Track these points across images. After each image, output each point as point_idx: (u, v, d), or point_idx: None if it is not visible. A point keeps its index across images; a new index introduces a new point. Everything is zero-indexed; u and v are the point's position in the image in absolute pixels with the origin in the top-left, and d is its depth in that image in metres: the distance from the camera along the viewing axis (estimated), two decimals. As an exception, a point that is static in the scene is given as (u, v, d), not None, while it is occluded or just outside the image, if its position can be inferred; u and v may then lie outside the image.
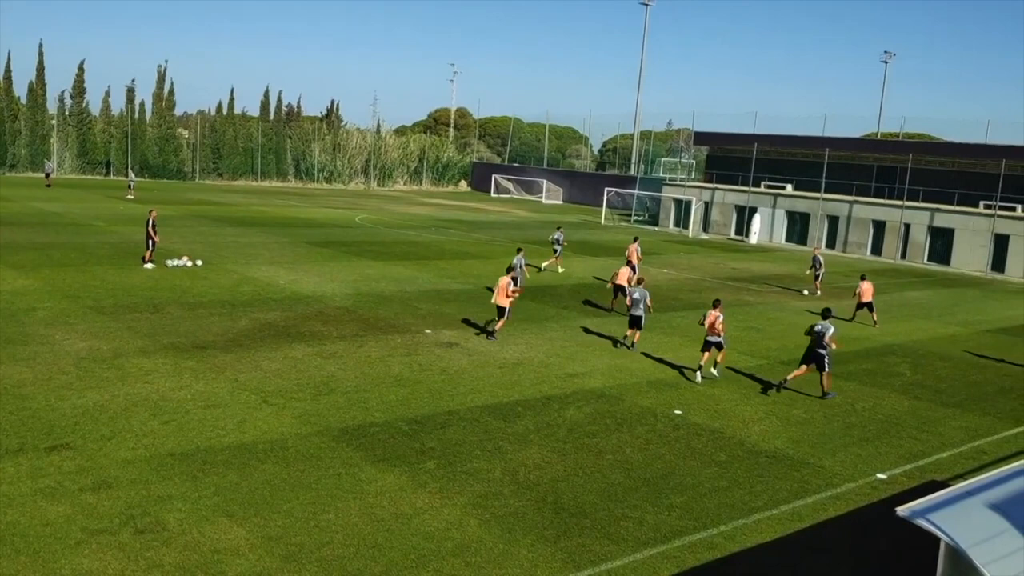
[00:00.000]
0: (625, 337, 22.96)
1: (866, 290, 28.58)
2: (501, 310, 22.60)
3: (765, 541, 11.93)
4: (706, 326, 19.97)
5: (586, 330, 24.74)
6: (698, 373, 19.93)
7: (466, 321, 24.50)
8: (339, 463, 13.38)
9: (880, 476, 14.75)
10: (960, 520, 7.30)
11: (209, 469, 12.76)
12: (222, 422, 14.80)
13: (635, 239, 34.53)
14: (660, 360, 21.76)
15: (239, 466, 12.95)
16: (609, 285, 28.78)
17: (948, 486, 13.68)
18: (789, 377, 19.47)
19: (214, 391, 16.48)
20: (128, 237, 37.36)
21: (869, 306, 28.65)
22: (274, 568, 10.06)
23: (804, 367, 19.36)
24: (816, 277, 35.46)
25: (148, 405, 15.38)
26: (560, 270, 33.50)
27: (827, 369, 19.15)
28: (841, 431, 17.08)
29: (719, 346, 20.03)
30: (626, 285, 26.31)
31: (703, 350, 20.17)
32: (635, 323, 22.57)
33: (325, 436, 14.50)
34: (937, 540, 7.40)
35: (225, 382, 17.12)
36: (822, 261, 35.74)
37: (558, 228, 36.39)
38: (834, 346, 19.25)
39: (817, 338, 19.07)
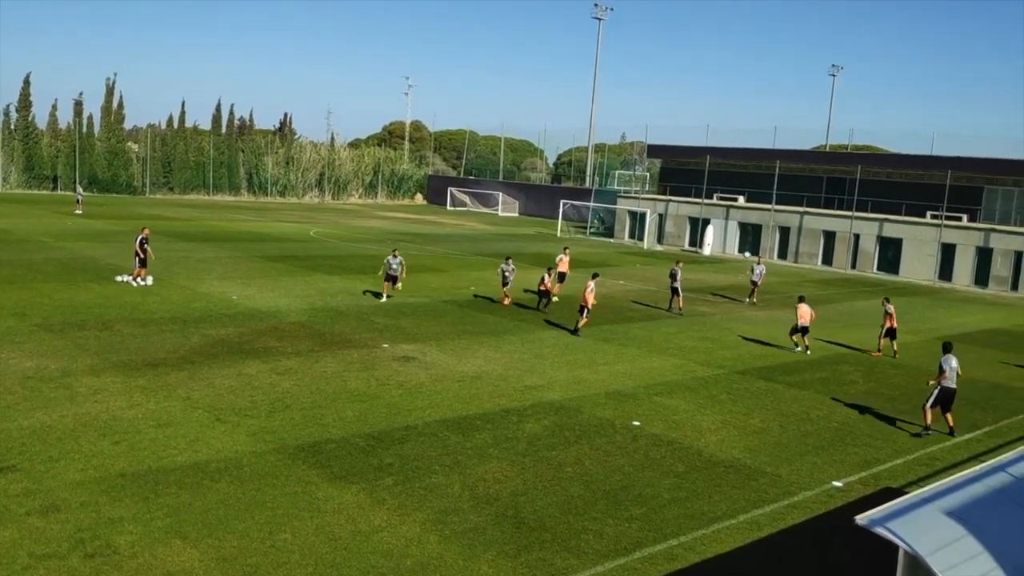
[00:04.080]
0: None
1: (803, 314, 25.90)
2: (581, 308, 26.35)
3: (724, 551, 11.96)
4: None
5: (546, 342, 24.74)
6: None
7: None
8: (295, 481, 13.16)
9: (836, 484, 14.90)
10: (918, 528, 7.37)
11: (161, 490, 12.47)
12: (174, 441, 14.49)
13: (565, 249, 35.34)
14: (618, 371, 21.81)
15: (192, 486, 12.68)
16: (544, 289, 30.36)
17: (903, 493, 13.88)
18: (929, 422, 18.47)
19: (166, 409, 16.14)
20: (77, 253, 36.60)
21: (804, 330, 25.90)
22: (229, 590, 9.85)
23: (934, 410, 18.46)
24: (754, 286, 36.33)
25: (98, 425, 15.02)
26: (506, 302, 30.76)
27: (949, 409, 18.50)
28: (796, 440, 17.24)
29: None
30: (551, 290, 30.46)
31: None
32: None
33: (281, 454, 14.27)
34: (896, 548, 7.46)
35: (177, 400, 16.78)
36: (760, 271, 36.51)
37: (507, 259, 33.34)
38: (931, 381, 18.82)
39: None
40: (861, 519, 7.60)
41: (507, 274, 31.17)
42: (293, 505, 12.27)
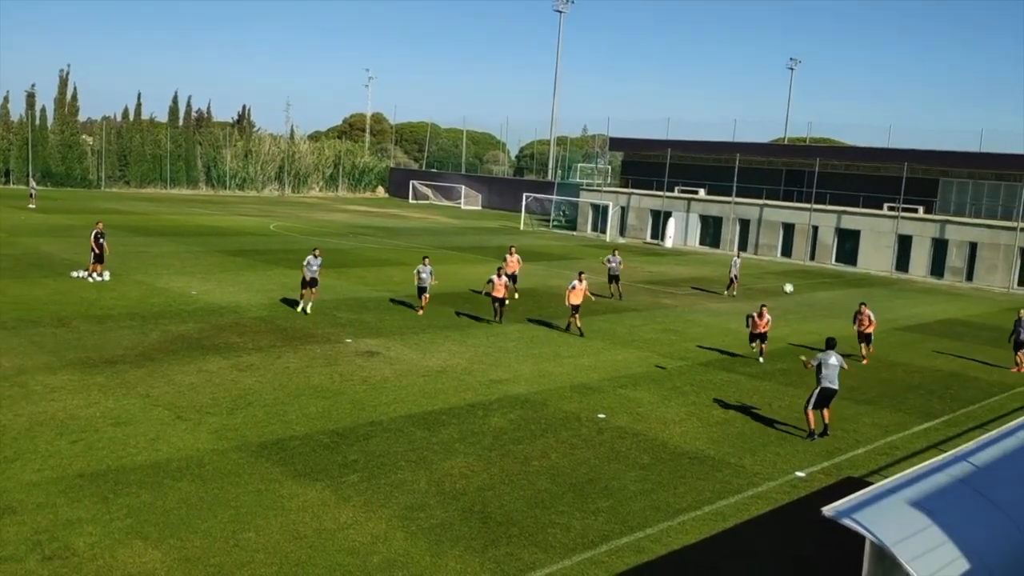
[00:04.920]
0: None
1: (761, 323, 23.71)
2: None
3: (691, 543, 12.02)
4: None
5: (510, 336, 24.69)
6: None
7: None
8: (258, 479, 12.99)
9: (799, 474, 15.04)
10: (883, 518, 7.44)
11: (121, 490, 12.23)
12: (134, 440, 14.23)
13: (511, 248, 32.48)
14: (583, 364, 21.83)
15: (153, 485, 12.45)
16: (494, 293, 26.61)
17: (864, 482, 14.05)
18: None
19: (125, 408, 15.85)
20: (31, 248, 35.84)
21: (762, 336, 23.91)
22: (192, 591, 9.69)
23: None
24: (734, 280, 36.48)
25: (54, 424, 14.70)
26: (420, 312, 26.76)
27: None
28: (759, 430, 17.38)
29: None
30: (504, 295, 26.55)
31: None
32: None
33: (243, 451, 14.08)
34: (862, 538, 7.52)
35: (136, 398, 16.49)
36: (735, 265, 36.77)
37: (424, 259, 27.83)
38: (803, 358, 18.42)
39: None
40: (828, 510, 7.65)
41: (423, 276, 26.66)
42: (257, 503, 12.10)
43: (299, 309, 25.85)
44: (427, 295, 26.97)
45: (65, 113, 78.93)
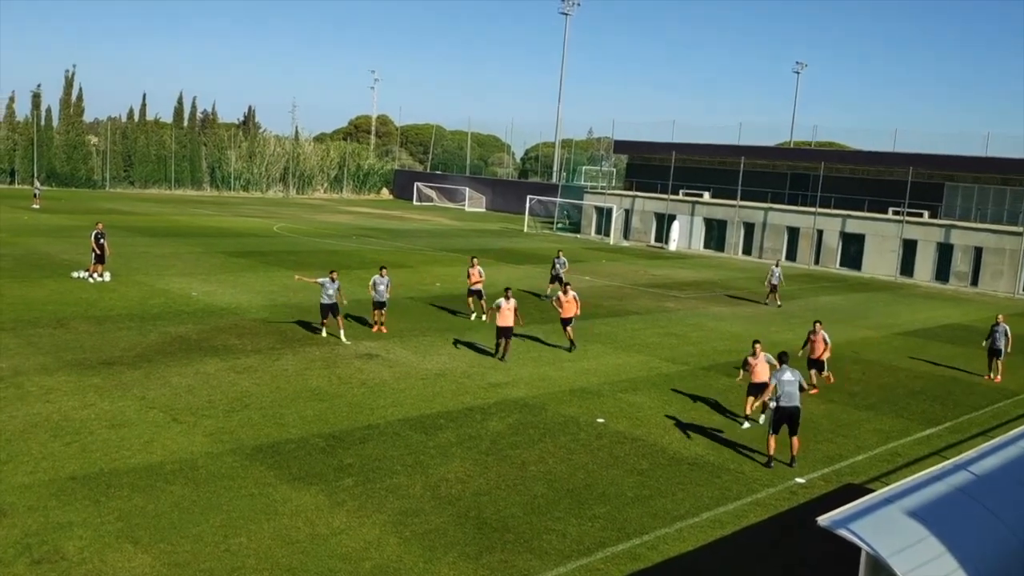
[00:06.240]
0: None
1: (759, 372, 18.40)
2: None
3: (688, 550, 11.88)
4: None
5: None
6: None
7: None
8: (252, 483, 12.88)
9: (799, 480, 14.89)
10: (880, 529, 7.30)
11: (113, 493, 12.14)
12: (128, 442, 14.14)
13: (473, 259, 28.32)
14: (583, 368, 21.70)
15: (145, 489, 12.36)
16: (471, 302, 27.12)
17: (865, 489, 13.89)
18: None
19: (120, 409, 15.76)
20: (32, 248, 35.82)
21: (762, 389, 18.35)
22: (181, 597, 9.58)
23: None
24: (773, 289, 34.99)
25: (49, 426, 14.62)
26: (375, 328, 24.28)
27: None
28: (759, 436, 17.19)
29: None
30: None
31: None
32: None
33: (238, 455, 13.97)
34: (858, 549, 7.38)
35: (132, 400, 16.40)
36: (775, 273, 35.12)
37: (381, 268, 25.15)
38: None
39: None
40: (823, 520, 7.52)
41: (380, 287, 23.71)
42: (250, 508, 12.00)
43: (475, 318, 26.27)
44: (384, 311, 24.25)
45: (70, 113, 78.98)
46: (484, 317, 26.32)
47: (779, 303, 35.20)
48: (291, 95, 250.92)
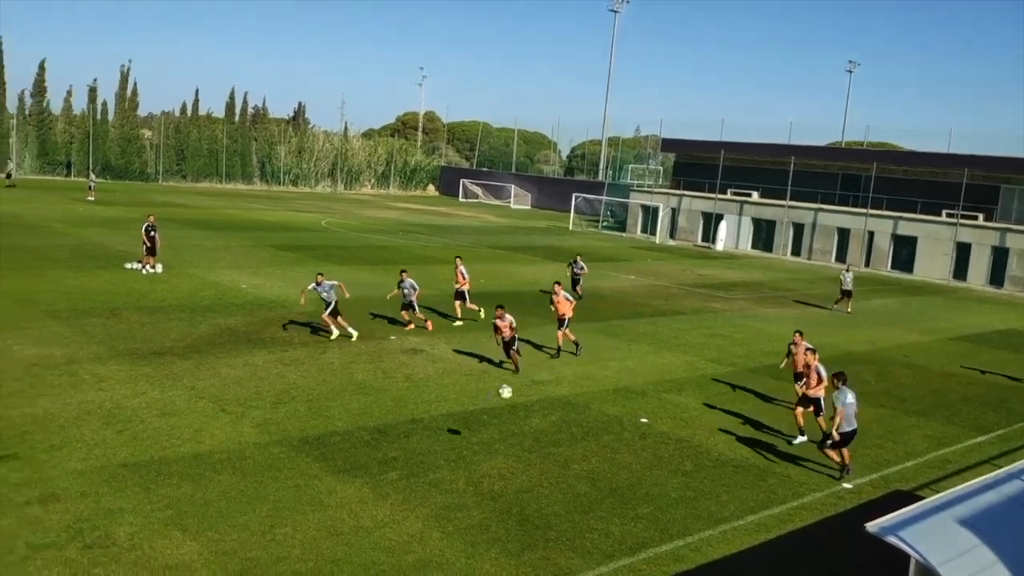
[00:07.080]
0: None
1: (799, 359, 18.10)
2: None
3: (731, 553, 11.77)
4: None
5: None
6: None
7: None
8: (298, 474, 13.04)
9: (846, 486, 14.67)
10: (930, 537, 7.16)
11: (163, 480, 12.36)
12: (178, 431, 14.39)
13: (457, 258, 26.87)
14: (627, 367, 21.60)
15: (194, 477, 12.57)
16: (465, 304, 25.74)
17: (913, 496, 13.65)
18: None
19: (170, 399, 16.05)
20: (87, 239, 36.60)
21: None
22: (227, 585, 9.72)
23: None
24: (846, 295, 33.85)
25: (101, 413, 14.93)
26: (410, 327, 23.54)
27: None
28: (807, 443, 16.98)
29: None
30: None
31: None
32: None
33: (284, 446, 14.15)
34: (907, 556, 7.25)
35: (182, 390, 16.69)
36: (847, 279, 34.00)
37: (403, 271, 24.50)
38: (828, 424, 15.72)
39: None
40: (872, 527, 7.40)
41: (407, 291, 23.51)
42: (295, 499, 12.14)
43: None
44: (415, 311, 23.77)
45: (125, 108, 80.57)
46: (459, 322, 25.24)
47: (849, 310, 33.82)
48: (340, 91, 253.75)
